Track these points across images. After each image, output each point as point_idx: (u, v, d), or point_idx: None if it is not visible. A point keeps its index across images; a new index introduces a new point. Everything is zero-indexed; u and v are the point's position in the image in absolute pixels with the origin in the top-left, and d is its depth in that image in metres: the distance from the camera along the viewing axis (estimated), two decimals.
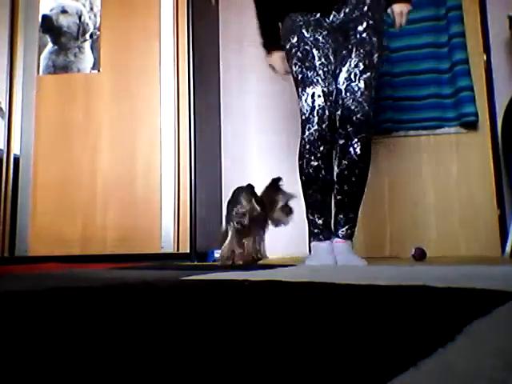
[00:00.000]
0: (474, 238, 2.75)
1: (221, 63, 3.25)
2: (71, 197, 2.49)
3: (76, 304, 0.69)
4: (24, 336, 0.46)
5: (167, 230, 2.40)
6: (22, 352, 0.39)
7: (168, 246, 2.39)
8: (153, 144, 2.48)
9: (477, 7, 2.86)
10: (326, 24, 1.84)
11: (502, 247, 2.61)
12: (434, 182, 2.85)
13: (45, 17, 2.64)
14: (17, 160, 2.55)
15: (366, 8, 1.83)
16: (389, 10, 1.90)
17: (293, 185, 3.02)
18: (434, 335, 0.42)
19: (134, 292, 0.85)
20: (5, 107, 2.59)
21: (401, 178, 2.87)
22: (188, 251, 2.37)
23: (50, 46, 2.62)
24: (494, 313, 0.52)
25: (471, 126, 2.80)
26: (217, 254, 2.39)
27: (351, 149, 1.75)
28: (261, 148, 3.13)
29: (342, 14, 1.84)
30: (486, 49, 2.81)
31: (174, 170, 2.44)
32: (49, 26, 2.63)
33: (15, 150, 2.56)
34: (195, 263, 2.28)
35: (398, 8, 1.88)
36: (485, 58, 2.81)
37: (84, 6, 2.63)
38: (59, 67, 2.60)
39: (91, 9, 2.62)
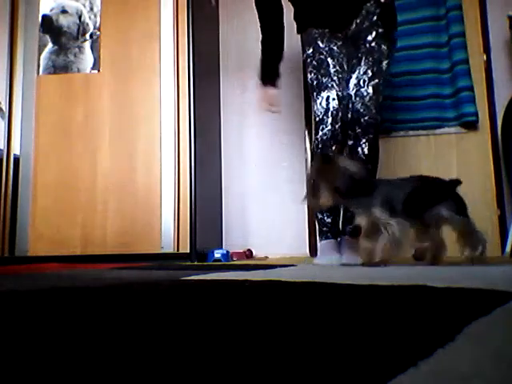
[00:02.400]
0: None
1: (221, 63, 3.25)
2: (71, 197, 2.49)
3: (76, 304, 0.69)
4: (24, 336, 0.46)
5: (167, 230, 2.40)
6: (22, 352, 0.39)
7: (168, 246, 2.39)
8: (153, 144, 2.48)
9: (477, 7, 2.86)
10: (339, 35, 1.95)
11: (502, 247, 2.61)
12: None
13: (45, 17, 2.64)
14: (17, 160, 2.55)
15: (375, 18, 1.91)
16: None
17: (292, 183, 3.01)
18: (434, 335, 0.42)
19: (135, 292, 0.85)
20: (5, 107, 2.59)
21: None
22: (188, 251, 2.37)
23: (49, 45, 2.62)
24: (494, 313, 0.52)
25: (471, 125, 2.80)
26: (217, 254, 2.40)
27: (359, 149, 1.83)
28: (261, 147, 3.13)
29: (353, 25, 1.93)
30: (486, 49, 2.81)
31: (174, 170, 2.44)
32: (49, 26, 2.63)
33: (15, 150, 2.56)
34: (195, 263, 2.28)
35: None
36: (485, 57, 2.81)
37: (84, 6, 2.63)
38: (59, 67, 2.60)
39: (91, 9, 2.62)
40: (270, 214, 3.05)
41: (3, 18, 2.64)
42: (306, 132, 3.05)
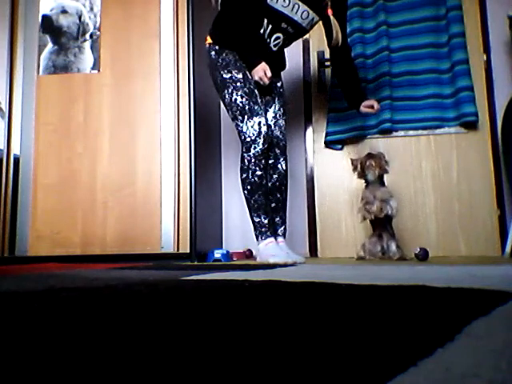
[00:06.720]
0: (474, 237, 2.75)
1: None
2: (71, 197, 2.49)
3: (76, 304, 0.69)
4: (24, 336, 0.46)
5: (167, 230, 2.40)
6: (22, 352, 0.39)
7: (168, 246, 2.39)
8: (153, 144, 2.48)
9: (477, 7, 2.86)
10: None
11: (502, 247, 2.61)
12: (434, 181, 2.85)
13: (45, 17, 2.64)
14: (17, 160, 2.55)
15: (280, 71, 2.43)
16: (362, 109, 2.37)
17: (292, 181, 3.00)
18: (433, 335, 0.42)
19: (135, 292, 0.85)
20: (5, 107, 2.59)
21: (401, 178, 2.87)
22: (188, 251, 2.37)
23: (49, 46, 2.62)
24: (493, 313, 0.52)
25: (471, 126, 2.80)
26: (217, 254, 2.40)
27: (279, 165, 2.31)
28: None
29: None
30: (486, 49, 2.81)
31: (174, 170, 2.44)
32: (49, 26, 2.63)
33: (15, 150, 2.56)
34: (195, 263, 2.28)
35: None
36: (485, 57, 2.81)
37: (84, 6, 2.63)
38: (59, 67, 2.60)
39: (91, 9, 2.62)
40: None
41: (3, 17, 2.64)
42: (307, 130, 3.05)
